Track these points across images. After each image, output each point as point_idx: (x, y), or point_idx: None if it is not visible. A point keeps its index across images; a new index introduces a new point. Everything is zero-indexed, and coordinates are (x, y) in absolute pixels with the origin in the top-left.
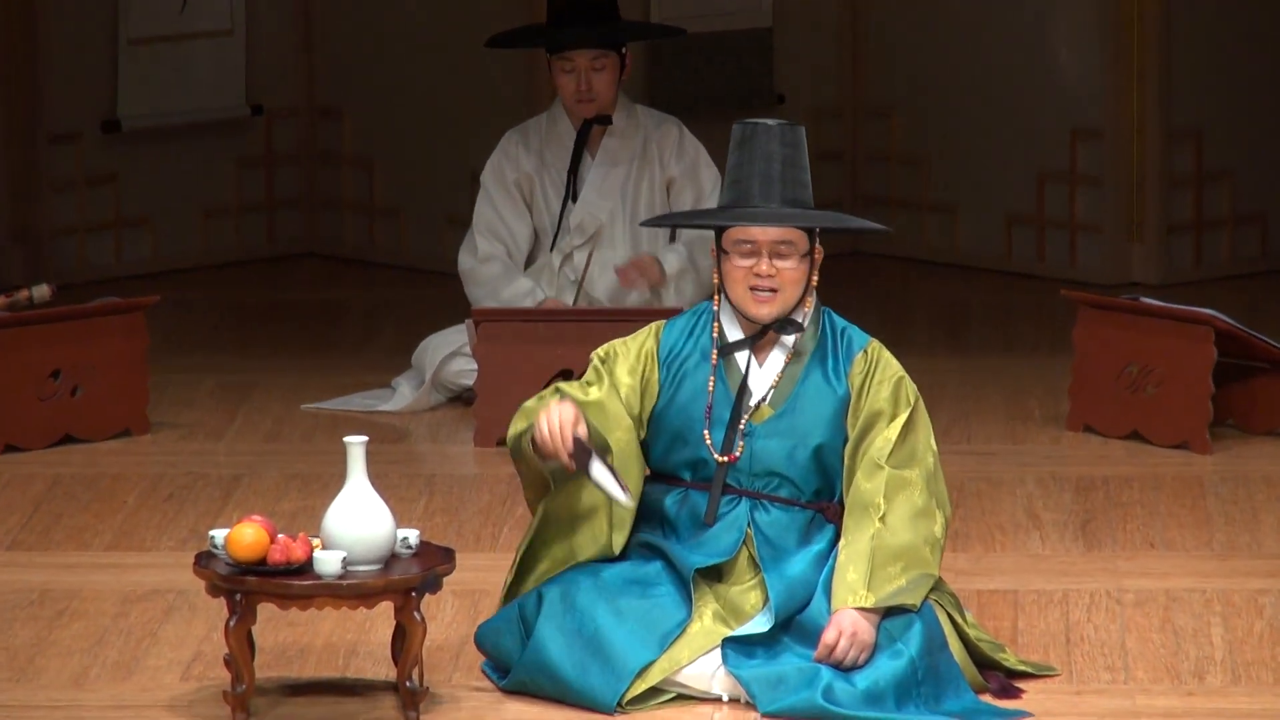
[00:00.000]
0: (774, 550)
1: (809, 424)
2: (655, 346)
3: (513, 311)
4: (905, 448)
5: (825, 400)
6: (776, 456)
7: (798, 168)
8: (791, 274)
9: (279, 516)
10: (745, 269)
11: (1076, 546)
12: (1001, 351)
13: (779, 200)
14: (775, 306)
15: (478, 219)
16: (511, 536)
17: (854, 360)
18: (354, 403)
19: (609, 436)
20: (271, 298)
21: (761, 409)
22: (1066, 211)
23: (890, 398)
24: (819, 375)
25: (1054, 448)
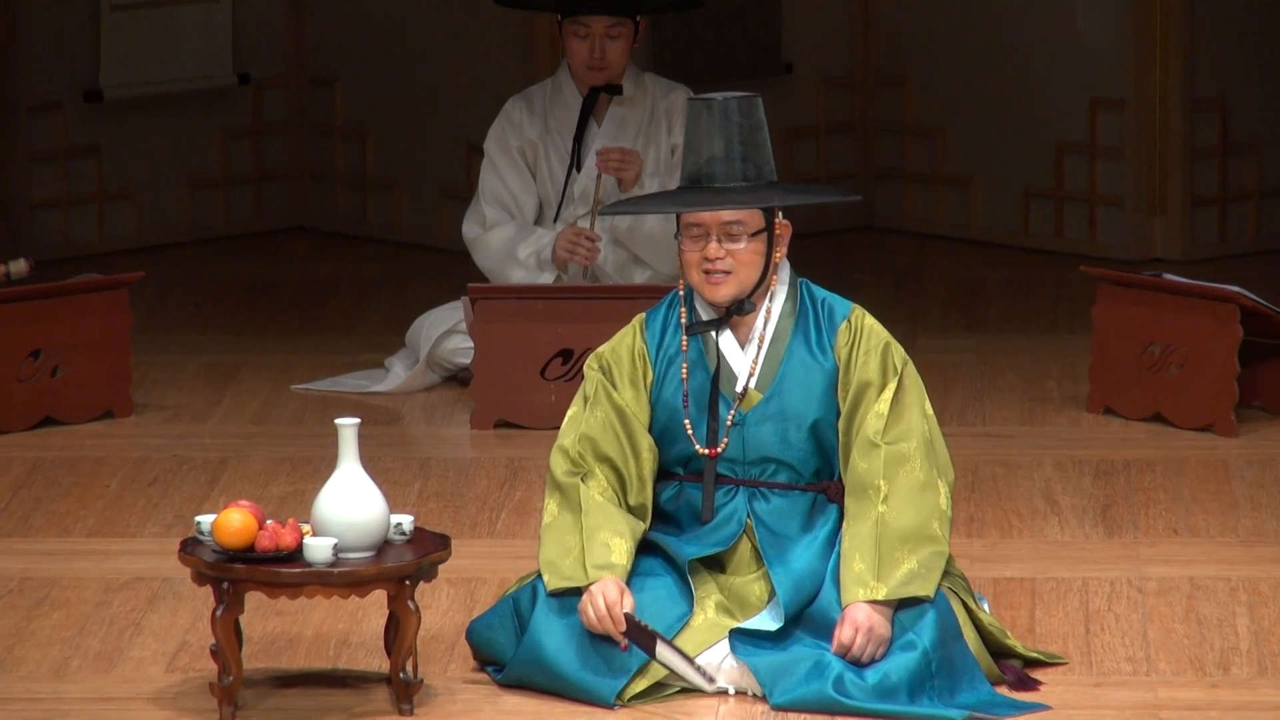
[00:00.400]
0: (777, 539)
1: (800, 403)
2: (643, 344)
3: (511, 289)
4: (898, 419)
5: (813, 376)
6: (770, 442)
7: (756, 144)
8: (744, 254)
9: (267, 501)
10: (696, 253)
11: (1096, 533)
12: (1019, 330)
13: (740, 178)
14: (730, 288)
15: (483, 187)
16: (509, 522)
17: (838, 331)
18: (345, 383)
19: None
20: (260, 274)
21: (749, 394)
22: (1086, 184)
23: (878, 368)
24: (804, 350)
25: (1073, 430)
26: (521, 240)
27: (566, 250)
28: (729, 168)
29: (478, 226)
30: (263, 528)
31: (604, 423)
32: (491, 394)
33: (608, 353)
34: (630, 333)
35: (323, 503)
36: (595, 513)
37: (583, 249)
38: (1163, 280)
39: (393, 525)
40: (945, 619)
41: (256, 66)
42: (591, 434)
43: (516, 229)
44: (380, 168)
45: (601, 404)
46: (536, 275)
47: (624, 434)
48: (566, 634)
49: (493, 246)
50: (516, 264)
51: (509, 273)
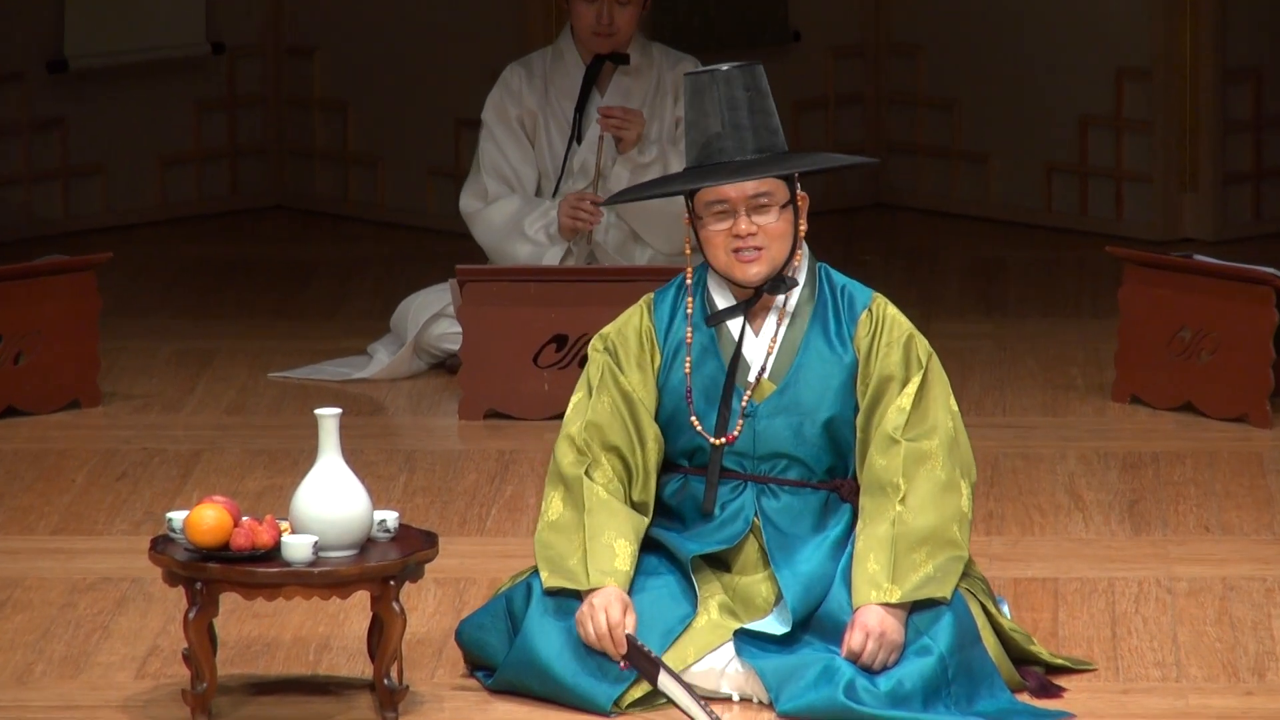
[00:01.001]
0: (785, 540)
1: (815, 397)
2: (651, 325)
3: (501, 270)
4: (921, 416)
5: (831, 368)
6: (782, 436)
7: (765, 112)
8: (775, 228)
9: (243, 497)
10: (724, 232)
11: (1123, 530)
12: (1040, 314)
13: (752, 151)
14: (764, 265)
15: (483, 158)
16: (500, 518)
17: (858, 321)
18: (326, 371)
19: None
20: (235, 255)
21: (762, 384)
22: (1112, 160)
23: (901, 361)
24: (821, 341)
25: (1098, 420)
26: (528, 214)
27: (570, 218)
28: (739, 140)
29: (478, 200)
30: (238, 525)
31: (611, 409)
32: (481, 382)
33: (613, 334)
34: (637, 313)
35: (302, 498)
36: (599, 511)
37: (584, 212)
38: (1193, 261)
39: (376, 522)
40: (963, 622)
41: (231, 35)
42: (598, 421)
43: (521, 202)
44: (363, 143)
45: (608, 389)
46: (545, 251)
47: (631, 421)
48: (562, 636)
49: (495, 221)
50: (523, 239)
51: (514, 248)
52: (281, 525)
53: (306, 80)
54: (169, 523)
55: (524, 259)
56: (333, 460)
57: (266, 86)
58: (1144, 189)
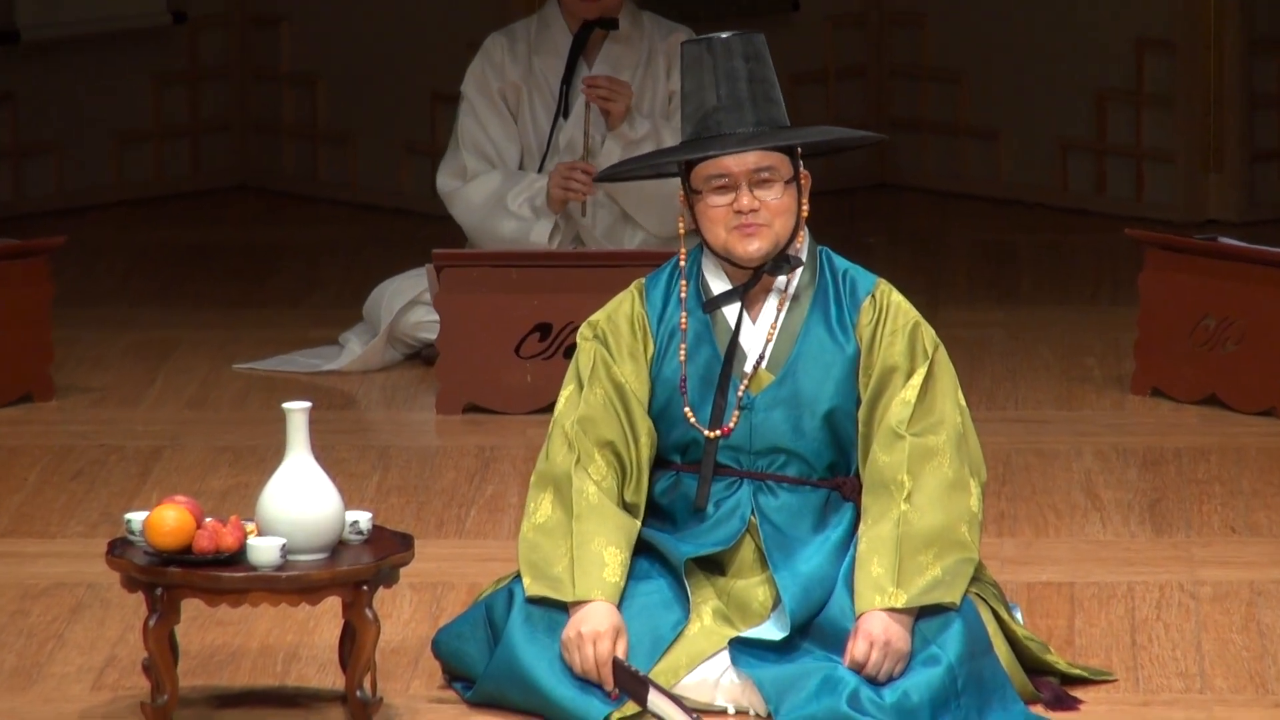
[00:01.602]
0: (784, 540)
1: (815, 388)
2: (643, 311)
3: (481, 255)
4: (927, 409)
5: (832, 358)
6: (781, 430)
7: (766, 83)
8: (778, 204)
9: (206, 497)
10: (724, 207)
11: (1144, 531)
12: (1054, 301)
13: (752, 124)
14: (766, 241)
15: (462, 134)
16: (480, 519)
17: (860, 308)
18: (295, 362)
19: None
20: (197, 238)
21: (759, 375)
22: (1131, 137)
23: (905, 350)
24: (822, 329)
25: (1117, 414)
26: (511, 188)
27: (561, 188)
28: (738, 114)
29: (456, 179)
30: (201, 526)
31: (604, 402)
32: (459, 374)
33: (603, 321)
34: (629, 299)
35: (269, 498)
36: (589, 517)
37: (577, 182)
38: (1218, 245)
39: (348, 523)
40: (973, 630)
41: (194, 4)
42: (591, 415)
43: (503, 177)
44: (334, 119)
45: (600, 380)
46: (531, 226)
47: (624, 415)
48: (545, 644)
49: (476, 199)
50: (507, 215)
51: (498, 225)
52: (247, 527)
53: (273, 52)
54: (127, 524)
55: (508, 236)
56: (302, 457)
57: (231, 58)
58: (1165, 168)
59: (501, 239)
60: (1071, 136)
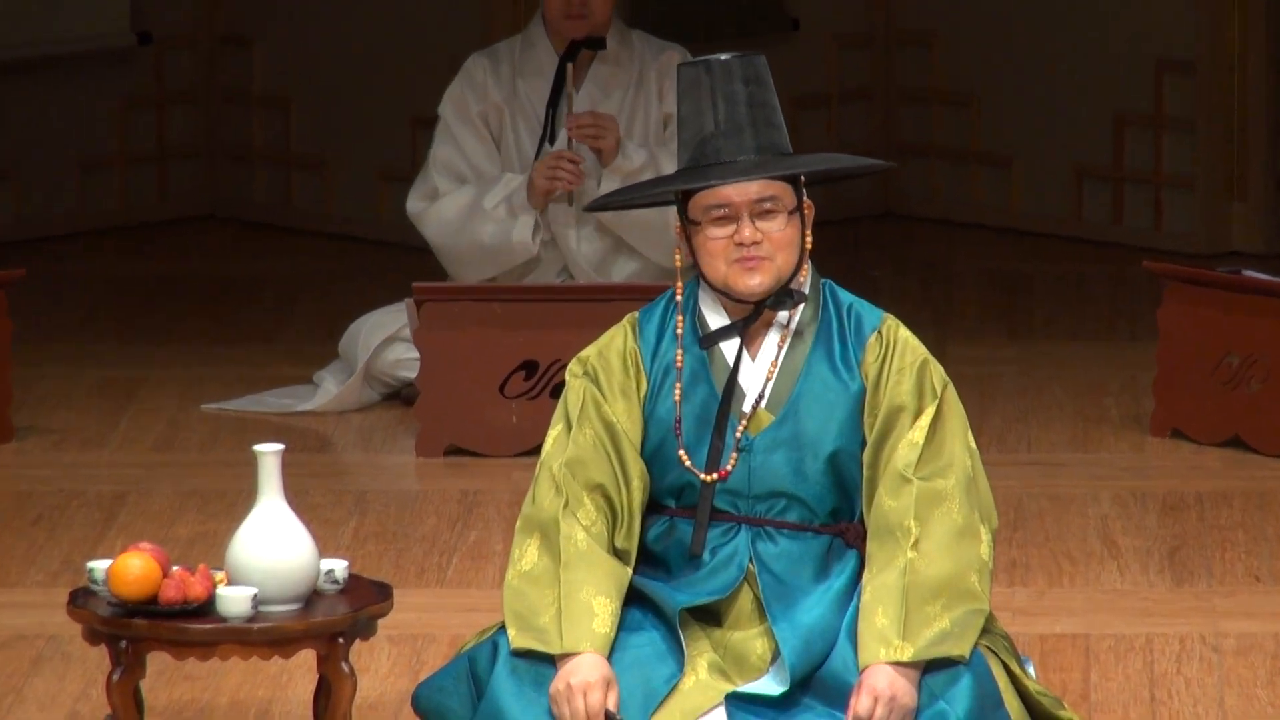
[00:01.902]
0: (784, 590)
1: (818, 429)
2: (636, 347)
3: (463, 289)
4: (936, 451)
5: (835, 398)
6: (781, 473)
7: (768, 107)
8: (781, 236)
9: (173, 544)
10: (724, 239)
11: (1163, 580)
12: (1069, 337)
13: (752, 150)
14: (768, 275)
15: (434, 157)
16: (463, 568)
17: (866, 345)
18: (266, 402)
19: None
20: (164, 271)
21: (758, 415)
22: (1150, 162)
23: (913, 390)
24: (825, 367)
25: (1135, 457)
26: (485, 192)
27: (547, 177)
28: (738, 140)
29: (424, 200)
30: (167, 575)
31: (594, 443)
32: (441, 414)
33: (594, 357)
34: (621, 334)
35: (239, 545)
36: (578, 565)
37: (565, 171)
38: (1241, 278)
39: (323, 572)
40: (983, 684)
41: (159, 23)
42: (581, 456)
43: (475, 187)
44: (308, 144)
45: (590, 419)
46: (511, 225)
47: (615, 457)
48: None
49: (448, 212)
50: (484, 218)
51: (475, 233)
52: (216, 576)
53: (244, 73)
54: (90, 573)
55: (488, 242)
56: (274, 503)
57: (199, 81)
58: (1186, 196)
59: (481, 248)
60: (1087, 163)
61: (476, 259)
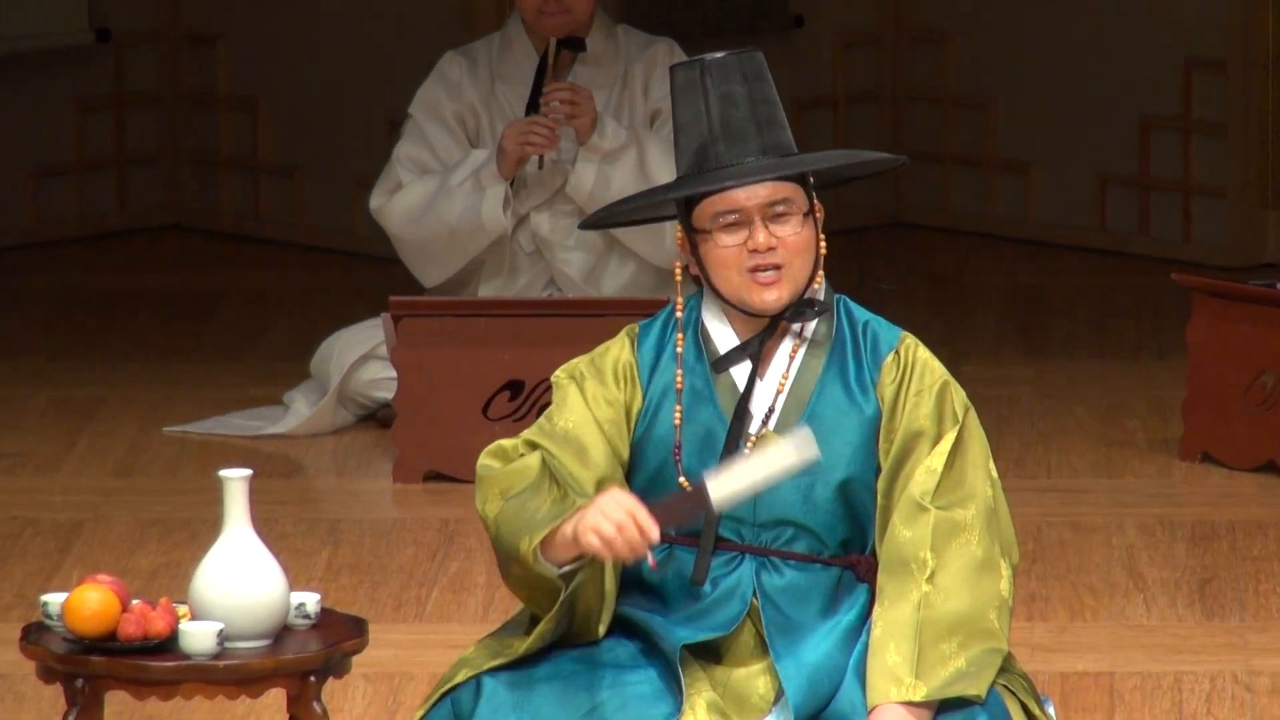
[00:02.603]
0: (788, 625)
1: (830, 454)
2: (633, 359)
3: (443, 303)
4: (956, 479)
5: (849, 421)
6: (789, 500)
7: (770, 105)
8: (797, 241)
9: (133, 576)
10: (736, 247)
11: (1192, 614)
12: (1092, 355)
13: (758, 152)
14: (785, 288)
15: (400, 153)
16: (443, 601)
17: (882, 365)
18: (233, 424)
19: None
20: (124, 284)
21: (766, 437)
22: (1178, 169)
23: (933, 413)
24: (838, 387)
25: (1162, 483)
26: (451, 172)
27: (519, 142)
28: (741, 144)
29: (386, 195)
30: (127, 609)
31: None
32: (419, 438)
33: (584, 364)
34: (619, 345)
35: (204, 577)
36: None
37: (538, 134)
38: (1277, 292)
39: (293, 606)
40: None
41: (119, 20)
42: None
43: (439, 174)
44: (278, 149)
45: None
46: (479, 201)
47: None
48: None
49: (413, 198)
50: (449, 198)
51: (442, 212)
52: (179, 610)
53: (209, 74)
54: (44, 607)
55: (455, 222)
56: (241, 532)
57: (162, 81)
58: (1217, 204)
59: (449, 231)
60: (1111, 169)
61: (444, 245)
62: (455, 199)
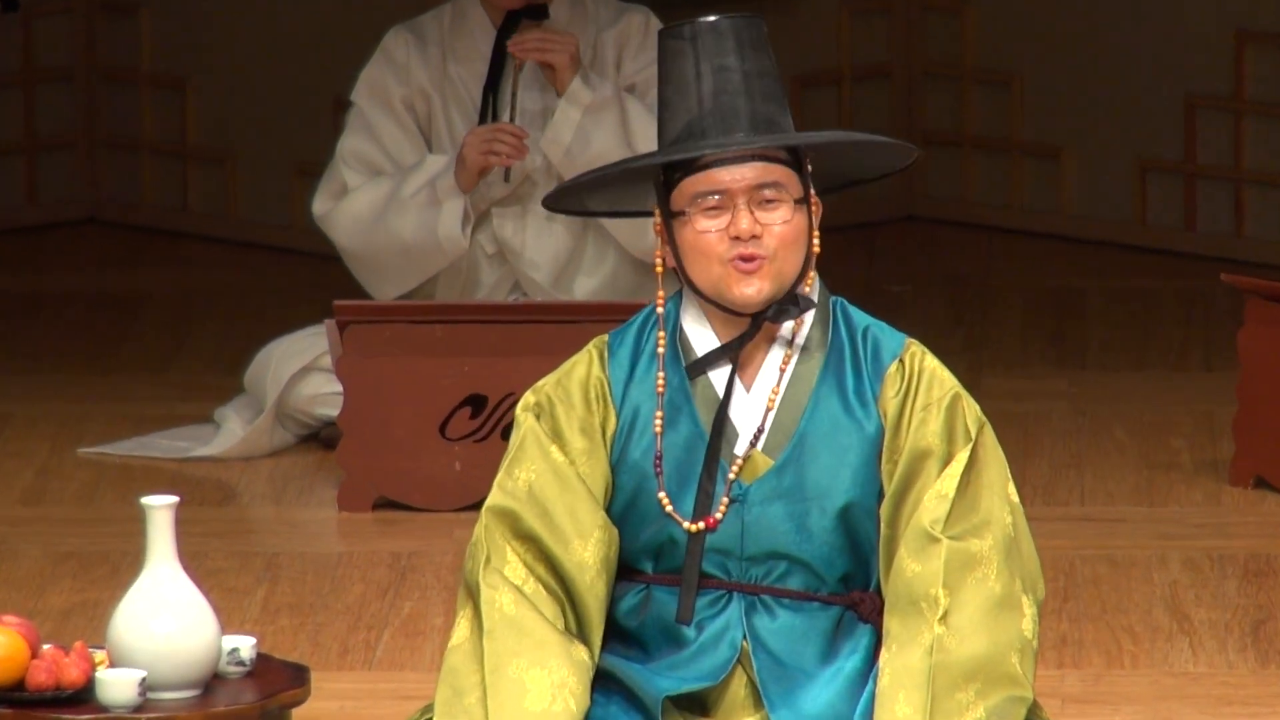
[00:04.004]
0: (783, 672)
1: (826, 477)
2: (603, 375)
3: (395, 308)
4: (969, 505)
5: (848, 441)
6: (781, 529)
7: (767, 77)
8: (785, 230)
9: (44, 617)
10: (717, 233)
11: (1244, 660)
12: (1131, 366)
13: (747, 129)
14: (768, 281)
15: (344, 149)
16: (395, 646)
17: (885, 376)
18: (158, 445)
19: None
20: (33, 286)
21: (753, 459)
22: (1229, 155)
23: (942, 431)
24: (835, 401)
25: (1211, 511)
26: (405, 179)
27: (482, 151)
28: (731, 120)
29: (331, 200)
30: (37, 655)
31: (527, 490)
32: (368, 460)
33: (550, 386)
34: (585, 360)
35: (124, 619)
36: (503, 632)
37: (504, 144)
38: None
39: (225, 651)
40: None
41: None
42: (509, 506)
43: (393, 179)
44: (207, 133)
45: (530, 460)
46: (435, 217)
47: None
48: None
49: (360, 206)
50: (402, 209)
51: (393, 226)
52: (96, 656)
53: (131, 48)
54: None
55: (409, 238)
56: (166, 568)
57: (75, 56)
58: (1272, 195)
59: (401, 248)
60: (1152, 155)
61: (397, 263)
62: (408, 212)
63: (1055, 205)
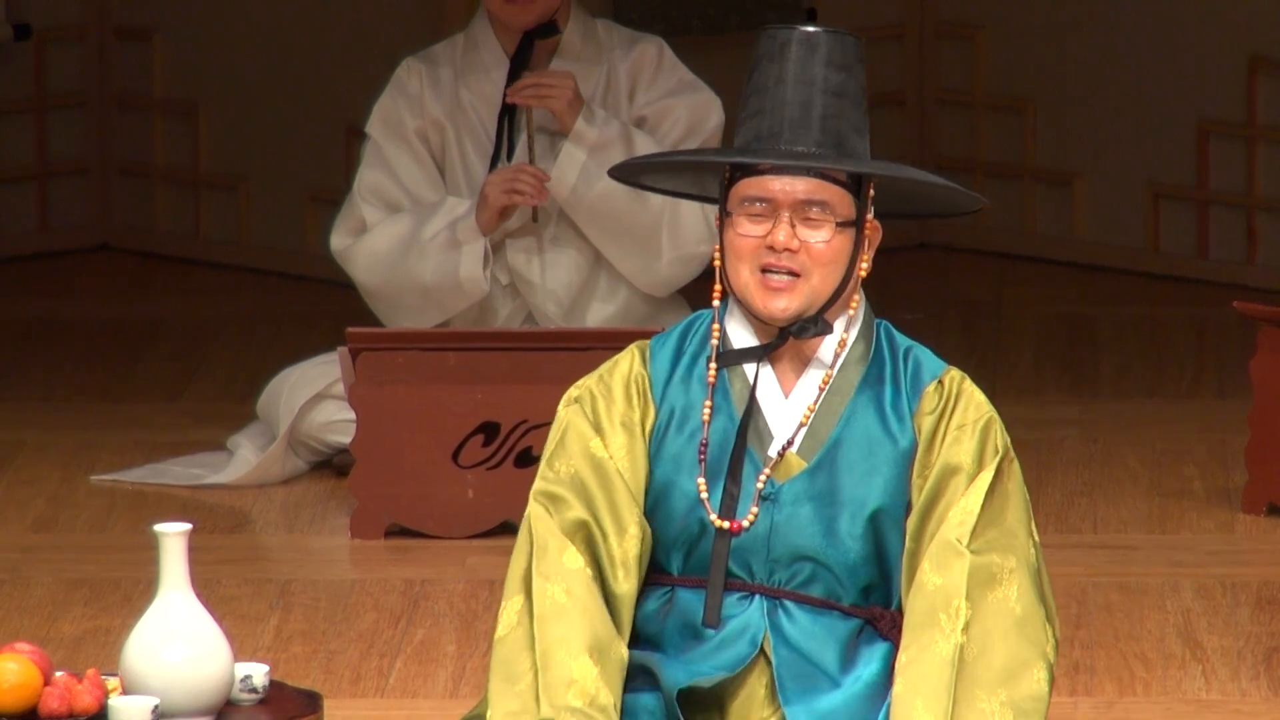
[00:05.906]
0: (803, 670)
1: (858, 485)
2: (644, 371)
3: (408, 335)
4: (992, 518)
5: (881, 451)
6: (809, 532)
7: (847, 99)
8: (823, 251)
9: (56, 644)
10: (755, 239)
11: (1257, 688)
12: (1143, 393)
13: (813, 146)
14: (795, 299)
15: (361, 185)
16: (408, 673)
17: (923, 394)
18: (171, 472)
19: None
20: (46, 312)
21: (787, 460)
22: (1241, 181)
23: (974, 450)
24: (873, 413)
25: (1223, 539)
26: (425, 221)
27: (504, 191)
28: (803, 131)
29: (350, 236)
30: (50, 683)
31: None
32: (381, 488)
33: (593, 383)
34: (628, 358)
35: (137, 646)
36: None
37: (526, 185)
38: None
39: (238, 678)
40: None
41: (41, 14)
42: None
43: (412, 216)
44: (220, 160)
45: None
46: (456, 260)
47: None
48: None
49: (379, 245)
50: (422, 252)
51: (413, 268)
52: (109, 683)
53: (143, 74)
54: None
55: (430, 281)
56: (179, 595)
57: (88, 83)
58: None
59: (421, 290)
60: (1166, 182)
61: (417, 303)
62: (428, 255)
63: (1068, 232)
